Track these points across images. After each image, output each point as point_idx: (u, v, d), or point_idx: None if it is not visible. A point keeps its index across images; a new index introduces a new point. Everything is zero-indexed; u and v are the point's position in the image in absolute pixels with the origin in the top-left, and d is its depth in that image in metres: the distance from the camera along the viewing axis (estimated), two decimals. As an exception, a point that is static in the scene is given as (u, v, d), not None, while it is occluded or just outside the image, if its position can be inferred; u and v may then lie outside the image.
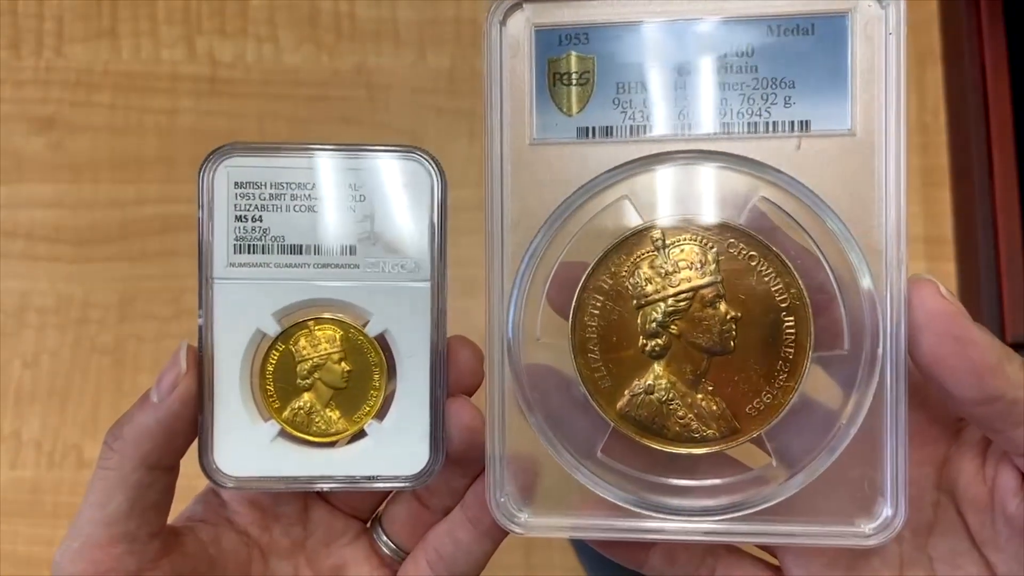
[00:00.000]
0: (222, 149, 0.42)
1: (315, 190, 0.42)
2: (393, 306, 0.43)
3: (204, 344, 0.42)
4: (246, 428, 0.43)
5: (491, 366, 0.41)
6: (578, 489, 0.41)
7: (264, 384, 0.43)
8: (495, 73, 0.40)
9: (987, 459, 0.39)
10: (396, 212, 0.43)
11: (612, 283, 0.39)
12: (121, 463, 0.40)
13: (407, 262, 0.43)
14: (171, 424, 0.40)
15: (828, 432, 0.39)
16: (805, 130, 0.39)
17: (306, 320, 0.43)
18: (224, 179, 0.42)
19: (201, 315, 0.42)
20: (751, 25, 0.39)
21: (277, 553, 0.46)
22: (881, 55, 0.38)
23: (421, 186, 0.42)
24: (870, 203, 0.38)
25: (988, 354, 0.35)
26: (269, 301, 0.43)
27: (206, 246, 0.42)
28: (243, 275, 0.42)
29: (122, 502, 0.40)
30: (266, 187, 0.42)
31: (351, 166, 0.42)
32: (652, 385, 0.39)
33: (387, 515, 0.47)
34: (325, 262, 0.42)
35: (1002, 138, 0.72)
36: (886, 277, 0.38)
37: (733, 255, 0.39)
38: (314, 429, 0.43)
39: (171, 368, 0.41)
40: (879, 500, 0.39)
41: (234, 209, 0.42)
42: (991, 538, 0.39)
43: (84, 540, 0.40)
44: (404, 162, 0.42)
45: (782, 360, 0.38)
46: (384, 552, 0.46)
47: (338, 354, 0.43)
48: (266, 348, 0.43)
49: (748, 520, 0.40)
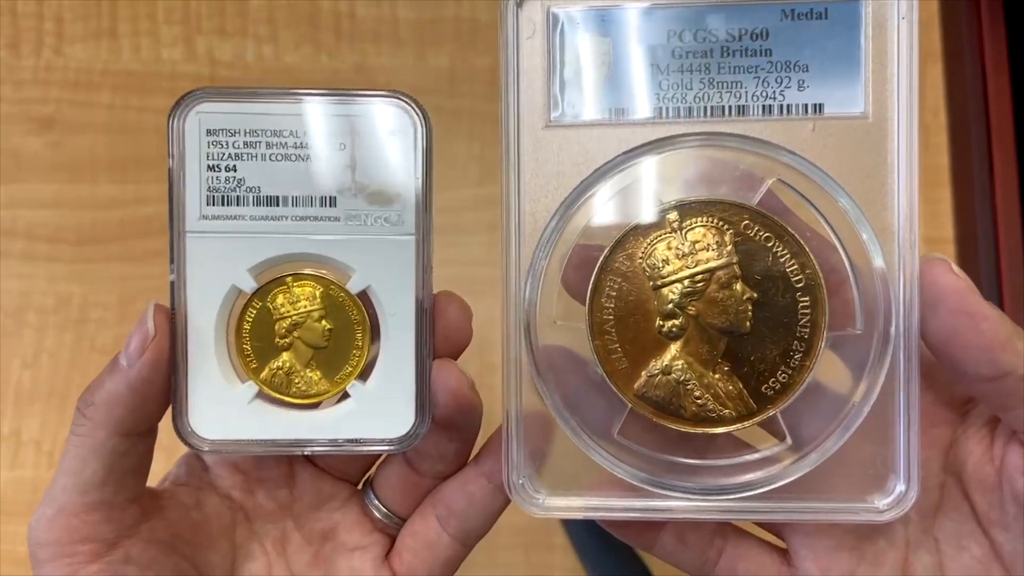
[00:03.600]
0: (193, 94, 0.40)
1: (292, 137, 0.40)
2: (376, 261, 0.41)
3: (176, 302, 0.40)
4: (222, 390, 0.41)
5: (508, 348, 0.41)
6: (594, 469, 0.41)
7: (241, 344, 0.42)
8: (511, 56, 0.40)
9: (995, 439, 0.39)
10: (379, 161, 0.41)
11: (629, 265, 0.39)
12: (94, 430, 0.39)
13: (391, 214, 0.41)
14: (143, 389, 0.39)
15: (841, 411, 0.40)
16: (819, 113, 0.39)
17: (284, 276, 0.42)
18: (195, 126, 0.40)
19: (173, 271, 0.40)
20: (766, 9, 0.39)
21: (263, 517, 0.45)
22: (894, 40, 0.39)
23: (405, 133, 0.41)
24: (883, 185, 0.39)
25: (1000, 330, 0.36)
26: (245, 256, 0.41)
27: (177, 198, 0.40)
28: (217, 228, 0.40)
29: (97, 469, 0.39)
30: (240, 134, 0.40)
31: (331, 112, 0.40)
32: (669, 366, 0.39)
33: (378, 479, 0.46)
34: (304, 214, 0.41)
35: (1002, 138, 0.73)
36: (898, 257, 0.39)
37: (749, 236, 0.39)
38: (294, 390, 0.42)
39: (139, 330, 0.39)
40: (892, 477, 0.40)
41: (206, 158, 0.40)
42: (999, 518, 0.39)
43: (59, 507, 0.39)
44: (387, 107, 0.41)
45: (798, 340, 0.39)
46: (376, 516, 0.45)
47: (318, 312, 0.42)
48: (242, 306, 0.41)
49: (762, 499, 0.40)
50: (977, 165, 0.74)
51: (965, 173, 0.75)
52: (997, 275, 0.72)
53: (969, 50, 0.75)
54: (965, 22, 0.75)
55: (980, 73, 0.74)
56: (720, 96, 0.39)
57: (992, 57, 0.73)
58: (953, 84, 0.77)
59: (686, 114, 0.40)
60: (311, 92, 0.41)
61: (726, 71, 0.39)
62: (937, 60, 0.78)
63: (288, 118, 0.40)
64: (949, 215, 0.77)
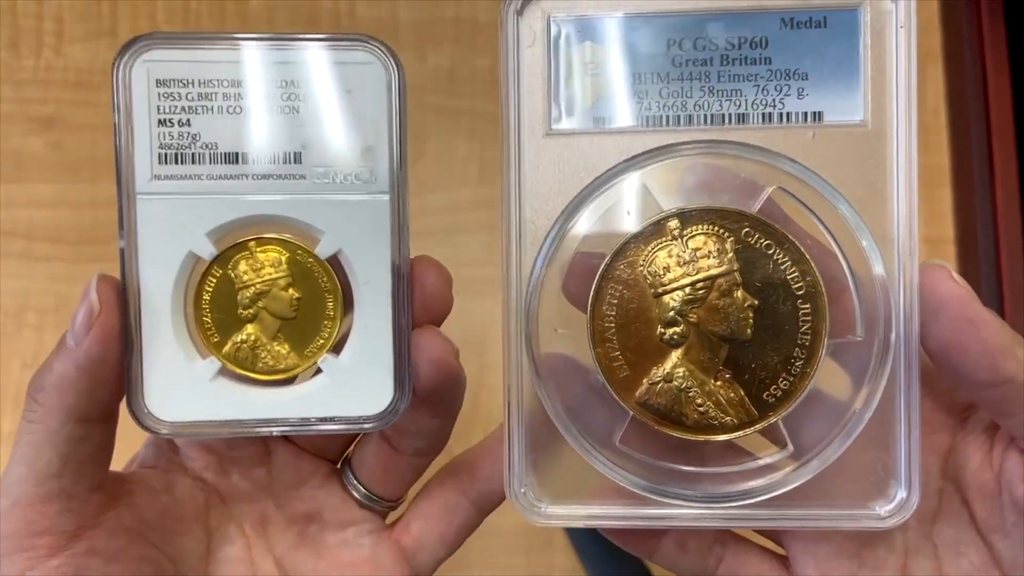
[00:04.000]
0: (140, 40, 0.36)
1: (252, 88, 0.37)
2: (347, 223, 0.38)
3: (127, 272, 0.37)
4: (181, 366, 0.38)
5: (508, 355, 0.41)
6: (596, 477, 0.41)
7: (200, 316, 0.38)
8: (511, 63, 0.40)
9: (994, 446, 0.39)
10: (347, 113, 0.37)
11: (630, 272, 0.39)
12: (45, 416, 0.36)
13: (362, 171, 0.38)
14: (93, 370, 0.36)
15: (842, 418, 0.40)
16: (818, 121, 0.39)
17: (246, 240, 0.38)
18: (143, 76, 0.36)
19: (123, 237, 0.37)
20: (765, 18, 0.39)
21: (239, 498, 0.43)
22: (892, 48, 0.39)
23: (376, 82, 0.37)
24: (882, 193, 0.39)
25: (1000, 336, 0.36)
26: (202, 219, 0.37)
27: (125, 156, 0.36)
28: (170, 189, 0.37)
29: (53, 458, 0.36)
30: (194, 85, 0.37)
31: (293, 59, 0.37)
32: (670, 373, 0.39)
33: (356, 458, 0.44)
34: (266, 172, 0.37)
35: (1002, 138, 0.73)
36: (898, 264, 0.39)
37: (750, 243, 0.39)
38: (260, 366, 0.39)
39: (82, 304, 0.36)
40: (892, 483, 0.40)
41: (157, 112, 0.37)
42: (998, 524, 0.39)
43: (14, 499, 0.36)
44: (355, 53, 0.37)
45: (799, 347, 0.39)
46: (356, 496, 0.44)
47: (284, 279, 0.39)
48: (200, 274, 0.38)
49: (764, 506, 0.40)
50: (977, 165, 0.74)
51: (965, 173, 0.75)
52: (997, 275, 0.72)
53: (969, 50, 0.74)
54: (965, 22, 0.75)
55: (980, 73, 0.74)
56: (720, 104, 0.40)
57: (992, 57, 0.73)
58: (953, 84, 0.77)
59: (686, 122, 0.40)
60: (271, 37, 0.37)
61: (726, 79, 0.40)
62: (937, 60, 0.78)
63: (248, 67, 0.37)
64: (949, 215, 0.77)
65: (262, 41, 0.37)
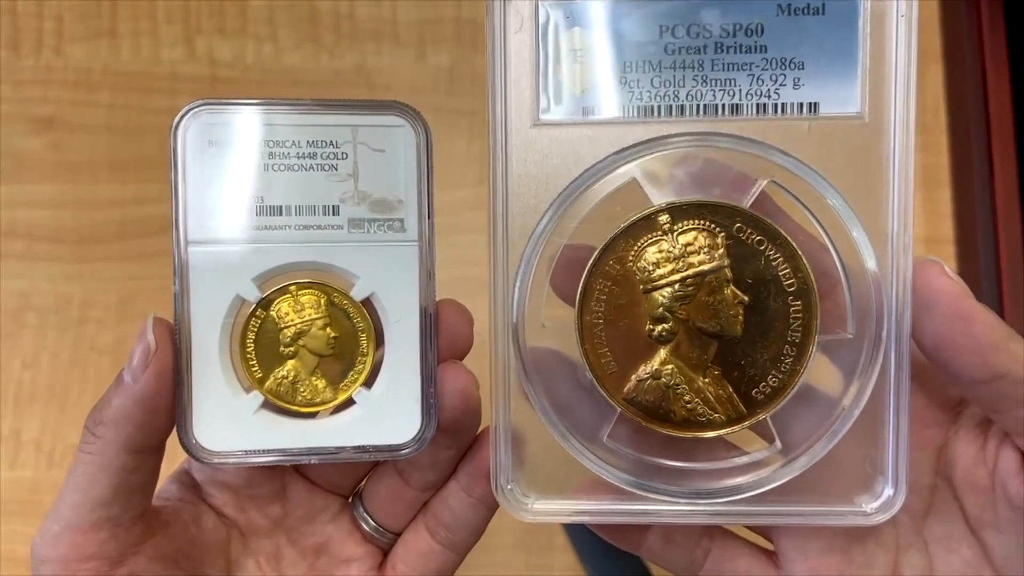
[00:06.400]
0: (194, 106, 0.40)
1: (294, 147, 0.40)
2: (379, 268, 0.41)
3: (180, 313, 0.40)
4: (227, 400, 0.41)
5: (495, 351, 0.40)
6: (583, 473, 0.40)
7: (245, 353, 0.41)
8: (498, 51, 0.39)
9: (987, 441, 0.39)
10: (380, 169, 0.41)
11: (619, 268, 0.39)
12: (104, 448, 0.39)
13: (393, 222, 0.41)
14: (150, 403, 0.39)
15: (831, 415, 0.40)
16: (814, 113, 0.39)
17: (288, 284, 0.41)
18: (197, 137, 0.40)
19: (176, 282, 0.40)
20: (761, 3, 0.39)
21: (256, 532, 0.45)
22: (892, 38, 0.38)
23: (406, 141, 0.41)
24: (878, 187, 0.39)
25: (993, 332, 0.36)
26: (248, 266, 0.41)
27: (180, 209, 0.40)
28: (220, 238, 0.40)
29: (106, 487, 0.39)
30: (243, 145, 0.40)
31: (332, 122, 0.41)
32: (659, 370, 0.39)
33: (367, 491, 0.46)
34: (306, 223, 0.41)
35: (1002, 138, 0.72)
36: (892, 260, 0.38)
37: (741, 239, 0.38)
38: (299, 399, 0.42)
39: (139, 344, 0.39)
40: (880, 479, 0.40)
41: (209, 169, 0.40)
42: (991, 520, 0.39)
43: (65, 524, 0.39)
44: (387, 117, 0.41)
45: (789, 344, 0.38)
46: (365, 529, 0.46)
47: (322, 319, 0.42)
48: (246, 315, 0.41)
49: (752, 502, 0.40)
50: (977, 165, 0.73)
51: (965, 173, 0.75)
52: (997, 275, 0.72)
53: (969, 50, 0.74)
54: (965, 22, 0.74)
55: (980, 73, 0.74)
56: (713, 94, 0.39)
57: (992, 57, 0.73)
58: (953, 84, 0.77)
59: (678, 112, 0.39)
60: (312, 103, 0.41)
61: (720, 68, 0.39)
62: (937, 60, 0.78)
63: (290, 128, 0.40)
64: (949, 215, 0.76)
65: (304, 105, 0.41)
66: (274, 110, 0.41)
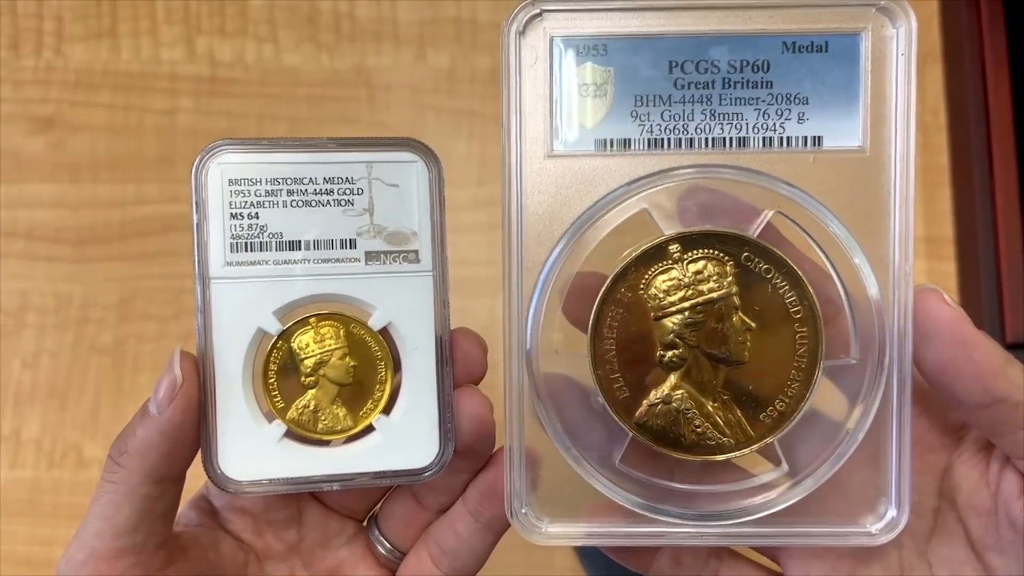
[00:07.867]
0: (214, 146, 0.41)
1: (312, 184, 0.42)
2: (396, 298, 0.42)
3: (203, 346, 0.41)
4: (251, 430, 0.42)
5: (509, 376, 0.41)
6: (594, 497, 0.41)
7: (267, 384, 0.43)
8: (513, 84, 0.40)
9: (990, 465, 0.40)
10: (395, 204, 0.42)
11: (631, 296, 0.40)
12: (128, 478, 0.40)
13: (408, 253, 0.42)
14: (175, 435, 0.40)
15: (836, 438, 0.40)
16: (818, 146, 0.40)
17: (308, 316, 0.43)
18: (218, 176, 0.41)
19: (199, 317, 0.41)
20: (767, 41, 0.39)
21: (272, 557, 0.46)
22: (892, 75, 0.39)
23: (419, 177, 0.42)
24: (879, 218, 0.39)
25: (992, 358, 0.37)
26: (269, 299, 0.42)
27: (202, 246, 0.41)
28: (241, 274, 0.41)
29: (130, 515, 0.40)
30: (261, 183, 0.41)
31: (348, 159, 0.42)
32: (669, 395, 0.40)
33: (383, 514, 0.47)
34: (325, 257, 0.42)
35: (1002, 138, 0.73)
36: (893, 288, 0.39)
37: (749, 267, 0.39)
38: (321, 427, 0.43)
39: (166, 377, 0.40)
40: (884, 500, 0.40)
41: (229, 207, 0.41)
42: (994, 543, 0.39)
43: (90, 552, 0.40)
44: (400, 153, 0.42)
45: (795, 369, 0.39)
46: (380, 552, 0.46)
47: (342, 349, 0.43)
48: (268, 347, 0.42)
49: (759, 523, 0.41)
50: (977, 165, 0.74)
51: (965, 173, 0.75)
52: (997, 275, 0.72)
53: (969, 50, 0.74)
54: (965, 22, 0.74)
55: (980, 73, 0.74)
56: (721, 128, 0.40)
57: (992, 57, 0.73)
58: (953, 84, 0.77)
59: (687, 145, 0.40)
60: (328, 141, 0.42)
61: (727, 102, 0.40)
62: (937, 60, 0.78)
63: (307, 166, 0.42)
64: (949, 215, 0.77)
65: (320, 145, 0.42)
66: (291, 148, 0.42)
